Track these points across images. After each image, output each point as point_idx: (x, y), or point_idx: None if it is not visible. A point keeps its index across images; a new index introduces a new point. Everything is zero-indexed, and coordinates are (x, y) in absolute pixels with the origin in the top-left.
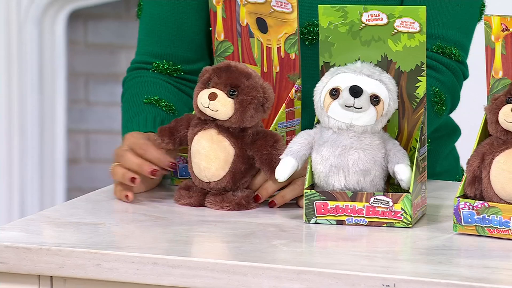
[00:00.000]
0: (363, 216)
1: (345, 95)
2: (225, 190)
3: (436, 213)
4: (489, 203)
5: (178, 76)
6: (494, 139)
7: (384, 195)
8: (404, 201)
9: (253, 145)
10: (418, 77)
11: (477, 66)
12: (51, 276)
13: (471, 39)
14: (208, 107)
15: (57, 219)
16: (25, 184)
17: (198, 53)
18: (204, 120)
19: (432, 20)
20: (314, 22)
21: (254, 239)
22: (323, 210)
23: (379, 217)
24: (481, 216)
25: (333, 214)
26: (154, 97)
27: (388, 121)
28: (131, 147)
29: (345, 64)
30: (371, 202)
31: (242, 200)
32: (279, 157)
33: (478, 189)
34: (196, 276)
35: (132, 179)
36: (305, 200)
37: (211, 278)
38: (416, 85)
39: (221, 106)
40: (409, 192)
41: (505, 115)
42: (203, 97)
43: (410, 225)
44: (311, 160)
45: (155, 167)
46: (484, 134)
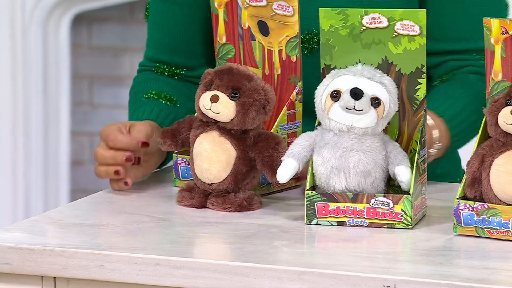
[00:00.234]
0: (364, 218)
1: (346, 98)
2: (227, 191)
3: (436, 214)
4: (488, 204)
5: (180, 78)
6: (493, 141)
7: (384, 196)
8: (404, 202)
9: (255, 147)
10: (418, 80)
11: None
12: (55, 277)
13: None
14: (210, 109)
15: (61, 220)
16: (30, 186)
17: (201, 60)
18: (206, 122)
19: (475, 34)
20: (314, 31)
21: (256, 240)
22: (324, 212)
23: (380, 218)
24: (481, 218)
25: (334, 215)
26: (153, 92)
27: (388, 123)
28: (104, 141)
29: (346, 67)
30: (372, 204)
31: (244, 202)
32: (281, 159)
33: (478, 191)
34: (198, 277)
35: (116, 172)
36: (306, 201)
37: (213, 279)
38: (416, 87)
39: (223, 108)
40: (409, 194)
41: (505, 117)
42: (205, 99)
43: (411, 226)
44: (312, 162)
45: (128, 153)
46: (484, 136)
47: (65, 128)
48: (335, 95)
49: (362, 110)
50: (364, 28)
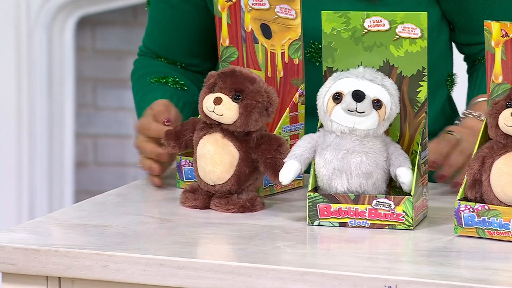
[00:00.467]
0: (366, 219)
1: (347, 100)
2: (230, 192)
3: (437, 215)
4: (489, 205)
5: (182, 67)
6: (494, 142)
7: (386, 197)
8: (405, 203)
9: (258, 149)
10: (419, 82)
11: None
12: (59, 277)
13: None
14: (213, 112)
15: (65, 221)
16: (34, 187)
17: (198, 60)
18: (210, 124)
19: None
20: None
21: (259, 240)
22: (326, 213)
23: (381, 219)
24: (481, 219)
25: (336, 216)
26: (159, 76)
27: (390, 125)
28: (141, 133)
29: (348, 69)
30: (373, 205)
31: (247, 203)
32: (283, 161)
33: (479, 192)
34: (201, 277)
35: (154, 169)
36: (308, 202)
37: (216, 279)
38: (418, 89)
39: (226, 111)
40: (410, 195)
41: (505, 119)
42: (209, 102)
43: (412, 227)
44: (314, 164)
45: (167, 118)
46: (485, 138)
47: (69, 130)
48: (337, 97)
49: (363, 112)
50: (365, 31)
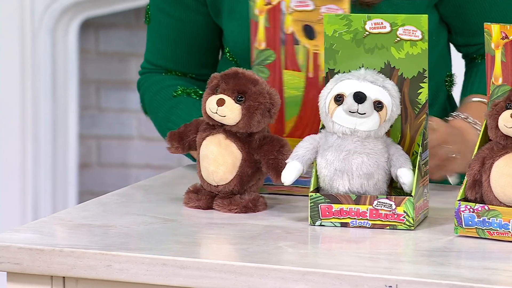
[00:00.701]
0: (367, 219)
1: (349, 101)
2: (233, 193)
3: (438, 215)
4: (489, 206)
5: (192, 78)
6: (494, 144)
7: (387, 198)
8: (406, 204)
9: (260, 150)
10: (420, 84)
11: None
12: (64, 277)
13: None
14: (216, 113)
15: (70, 221)
16: (38, 188)
17: (209, 69)
18: (213, 125)
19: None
20: None
21: (261, 241)
22: (327, 213)
23: (382, 219)
24: (481, 219)
25: (337, 216)
26: (180, 88)
27: (391, 127)
28: None
29: (349, 71)
30: (375, 205)
31: (249, 203)
32: (285, 161)
33: (479, 193)
34: (204, 276)
35: None
36: (310, 203)
37: (218, 278)
38: (418, 91)
39: (228, 112)
40: (411, 196)
41: (505, 120)
42: (211, 103)
43: (412, 228)
44: (316, 164)
45: None
46: (485, 139)
47: (73, 131)
48: (339, 99)
49: (365, 113)
50: (367, 33)
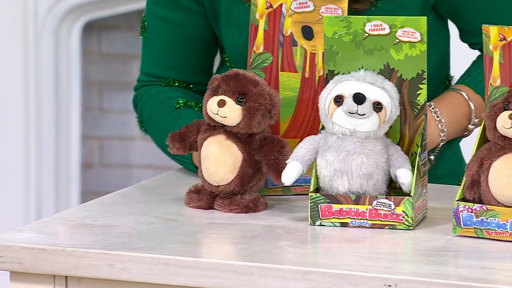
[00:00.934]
0: (366, 219)
1: (348, 102)
2: (234, 193)
3: (437, 215)
4: (487, 206)
5: (193, 91)
6: (492, 144)
7: (386, 198)
8: (405, 204)
9: (261, 150)
10: (419, 85)
11: None
12: (66, 276)
13: None
14: (217, 114)
15: (72, 221)
16: (41, 188)
17: (203, 77)
18: (213, 126)
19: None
20: None
21: (261, 240)
22: (327, 213)
23: (382, 219)
24: (479, 219)
25: (337, 216)
26: (182, 100)
27: (390, 127)
28: None
29: (349, 72)
30: (374, 205)
31: (250, 203)
32: (286, 162)
33: (477, 193)
34: (205, 276)
35: None
36: (310, 203)
37: (219, 278)
38: (417, 92)
39: (229, 113)
40: (410, 196)
41: (503, 121)
42: (212, 104)
43: (411, 227)
44: (316, 165)
45: None
46: (483, 139)
47: (76, 132)
48: (338, 100)
49: (364, 114)
50: (366, 35)
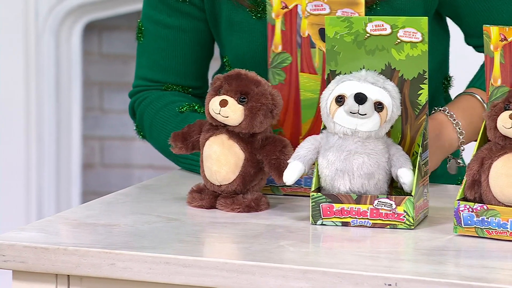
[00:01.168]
0: (367, 218)
1: (350, 102)
2: (235, 193)
3: (438, 215)
4: (488, 205)
5: (189, 93)
6: (492, 144)
7: (387, 198)
8: (406, 203)
9: (262, 150)
10: (420, 85)
11: None
12: (68, 275)
13: None
14: (219, 113)
15: (74, 220)
16: (42, 188)
17: (201, 82)
18: (216, 126)
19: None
20: None
21: (263, 239)
22: (329, 212)
23: (383, 219)
24: (480, 218)
25: (338, 216)
26: (186, 104)
27: (391, 127)
28: None
29: (351, 72)
30: (375, 205)
31: (252, 203)
32: (287, 162)
33: (478, 192)
34: (207, 275)
35: None
36: (312, 202)
37: (220, 277)
38: (419, 92)
39: (231, 113)
40: (411, 195)
41: (503, 121)
42: (214, 104)
43: (412, 227)
44: (318, 164)
45: None
46: (484, 139)
47: (77, 132)
48: (340, 100)
49: (365, 114)
50: (368, 35)
